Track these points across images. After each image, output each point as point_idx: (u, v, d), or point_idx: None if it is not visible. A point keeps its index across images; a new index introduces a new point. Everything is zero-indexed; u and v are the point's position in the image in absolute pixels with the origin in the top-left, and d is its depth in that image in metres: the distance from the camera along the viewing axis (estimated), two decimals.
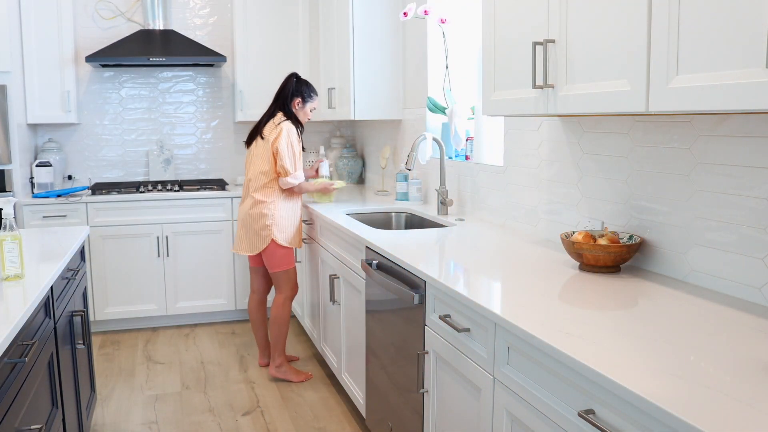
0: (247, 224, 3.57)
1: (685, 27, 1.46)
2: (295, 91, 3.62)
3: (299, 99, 3.63)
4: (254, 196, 3.53)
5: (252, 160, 3.59)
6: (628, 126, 2.17)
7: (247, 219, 3.57)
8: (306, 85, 3.65)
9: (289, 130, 3.51)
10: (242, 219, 3.61)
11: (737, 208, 1.77)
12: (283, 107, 3.61)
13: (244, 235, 3.60)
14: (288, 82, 3.64)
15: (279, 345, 3.65)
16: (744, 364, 1.31)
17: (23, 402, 1.79)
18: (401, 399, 2.46)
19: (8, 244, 2.07)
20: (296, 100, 3.63)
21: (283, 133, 3.48)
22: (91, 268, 4.41)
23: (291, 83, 3.63)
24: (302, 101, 3.64)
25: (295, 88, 3.63)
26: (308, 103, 3.66)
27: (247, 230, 3.57)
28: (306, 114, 3.68)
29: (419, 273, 2.19)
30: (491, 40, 2.33)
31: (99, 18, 4.81)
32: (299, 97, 3.63)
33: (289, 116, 3.59)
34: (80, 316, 2.76)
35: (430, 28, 3.72)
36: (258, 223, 3.52)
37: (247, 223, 3.57)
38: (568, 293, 1.87)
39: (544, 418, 1.52)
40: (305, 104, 3.65)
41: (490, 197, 3.12)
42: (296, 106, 3.63)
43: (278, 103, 3.64)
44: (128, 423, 3.21)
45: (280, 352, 3.66)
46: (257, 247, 3.55)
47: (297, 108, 3.64)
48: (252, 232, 3.55)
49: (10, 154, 4.15)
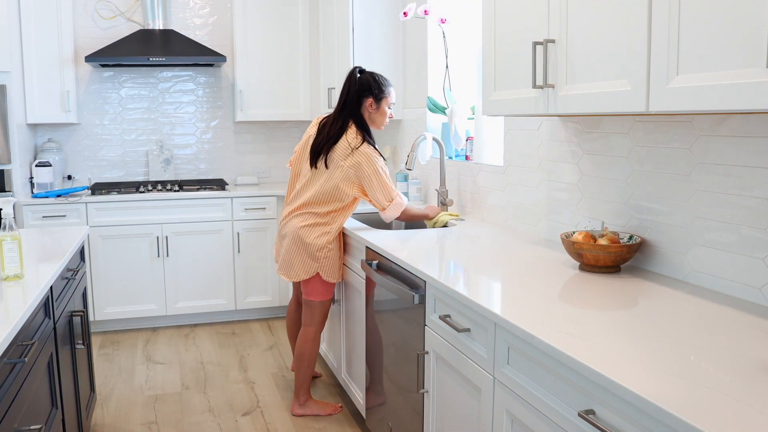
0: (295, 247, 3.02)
1: (685, 27, 1.46)
2: (364, 91, 2.96)
3: (371, 99, 2.97)
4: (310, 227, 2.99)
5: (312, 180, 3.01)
6: (628, 126, 2.17)
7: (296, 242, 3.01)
8: (374, 79, 2.98)
9: (370, 155, 2.90)
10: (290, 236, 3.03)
11: (737, 208, 1.77)
12: (354, 115, 2.97)
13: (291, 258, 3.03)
14: (350, 80, 2.98)
15: (305, 383, 3.18)
16: (744, 364, 1.31)
17: (23, 402, 1.79)
18: (401, 399, 2.46)
19: (8, 244, 2.07)
20: (367, 102, 2.97)
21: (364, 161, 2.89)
22: (91, 268, 4.41)
23: (354, 81, 2.97)
24: (375, 101, 2.98)
25: (362, 87, 2.97)
26: (382, 101, 3.00)
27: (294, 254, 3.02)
28: (384, 114, 3.02)
29: (419, 273, 2.19)
30: (491, 40, 2.33)
31: (99, 18, 4.81)
32: (370, 96, 2.97)
33: (364, 128, 2.97)
34: (80, 316, 2.76)
35: (430, 28, 3.72)
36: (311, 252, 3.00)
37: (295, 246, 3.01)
38: (568, 293, 1.87)
39: (545, 418, 1.52)
40: (379, 103, 2.99)
41: (490, 197, 3.12)
42: (369, 108, 2.99)
43: (346, 112, 2.98)
44: (128, 423, 3.21)
45: (305, 391, 3.20)
46: (299, 275, 3.04)
47: (371, 111, 2.99)
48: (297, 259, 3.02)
49: (10, 154, 4.15)
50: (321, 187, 2.96)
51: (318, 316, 3.12)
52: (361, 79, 2.98)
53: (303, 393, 3.20)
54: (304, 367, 3.15)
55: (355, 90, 2.97)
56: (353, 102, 2.97)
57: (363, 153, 2.90)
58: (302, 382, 3.18)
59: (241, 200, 4.59)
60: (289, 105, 4.90)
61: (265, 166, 5.25)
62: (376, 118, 3.02)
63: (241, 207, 4.59)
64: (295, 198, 3.08)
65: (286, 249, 3.05)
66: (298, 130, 5.27)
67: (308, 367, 3.15)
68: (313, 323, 3.12)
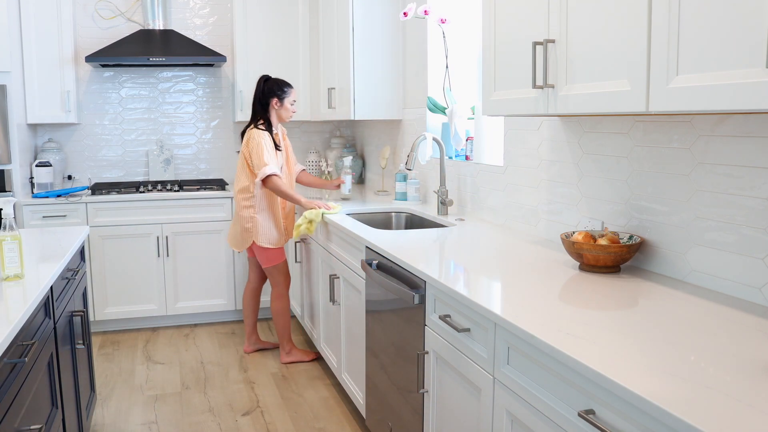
0: (236, 222, 3.85)
1: (685, 27, 1.46)
2: (268, 93, 3.71)
3: (275, 99, 3.71)
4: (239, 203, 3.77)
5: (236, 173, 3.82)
6: (628, 126, 2.17)
7: (236, 218, 3.83)
8: (276, 83, 3.71)
9: (256, 133, 3.64)
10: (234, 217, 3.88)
11: (737, 208, 1.77)
12: (262, 113, 3.72)
13: (234, 231, 3.87)
14: (257, 88, 3.73)
15: (285, 334, 3.87)
16: (744, 364, 1.31)
17: (23, 402, 1.79)
18: (401, 399, 2.46)
19: (8, 244, 2.07)
20: (273, 101, 3.72)
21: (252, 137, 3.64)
22: (91, 268, 4.41)
23: (260, 88, 3.72)
24: (279, 100, 3.71)
25: (267, 90, 3.70)
26: (285, 99, 3.72)
27: (235, 228, 3.85)
28: (288, 110, 3.75)
29: (419, 273, 2.19)
30: (491, 40, 2.33)
31: (99, 18, 4.81)
32: (274, 97, 3.71)
33: (266, 121, 3.71)
34: (80, 316, 2.76)
35: (430, 28, 3.72)
36: (242, 224, 3.76)
37: (236, 221, 3.84)
38: (568, 293, 1.87)
39: (545, 418, 1.52)
40: (282, 101, 3.72)
41: (490, 197, 3.12)
42: (275, 106, 3.72)
43: (254, 111, 3.75)
44: (128, 423, 3.21)
45: (288, 340, 3.89)
46: (241, 245, 3.82)
47: (277, 108, 3.73)
48: (238, 232, 3.81)
49: (10, 154, 4.16)
50: (237, 169, 3.79)
51: (277, 276, 3.84)
52: (265, 84, 3.72)
53: (287, 343, 3.90)
54: (280, 320, 3.85)
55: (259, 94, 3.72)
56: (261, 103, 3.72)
57: (252, 132, 3.66)
58: (283, 334, 3.88)
59: None
60: None
61: None
62: (281, 113, 3.76)
63: None
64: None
65: (232, 227, 3.90)
66: (298, 130, 5.27)
67: (284, 320, 3.86)
68: (276, 284, 3.85)
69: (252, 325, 4.06)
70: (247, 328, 4.07)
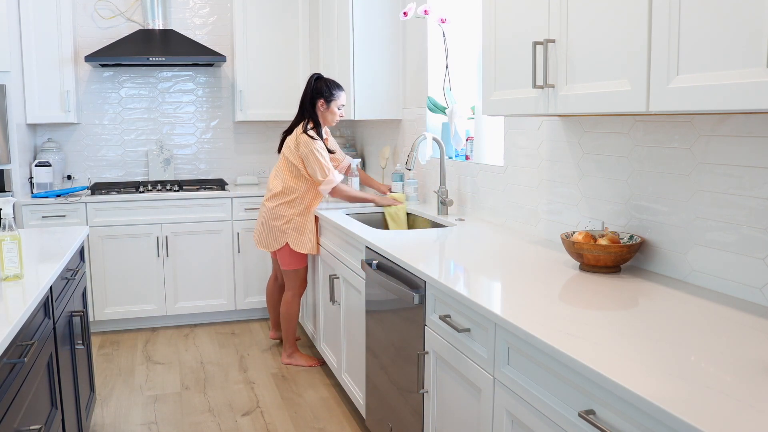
0: (265, 222, 3.72)
1: (685, 27, 1.46)
2: (316, 93, 3.60)
3: (322, 100, 3.60)
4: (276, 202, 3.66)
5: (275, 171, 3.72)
6: (628, 126, 2.17)
7: (268, 217, 3.70)
8: (326, 84, 3.60)
9: (308, 139, 3.52)
10: (263, 216, 3.74)
11: (738, 208, 1.77)
12: (311, 112, 3.60)
13: (265, 232, 3.74)
14: (307, 85, 3.63)
15: (290, 337, 3.87)
16: (744, 364, 1.31)
17: (22, 402, 1.79)
18: (401, 399, 2.46)
19: (7, 244, 2.07)
20: (319, 103, 3.61)
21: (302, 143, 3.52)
22: (91, 268, 4.40)
23: (310, 86, 3.61)
24: (325, 102, 3.61)
25: (315, 90, 3.59)
26: (332, 102, 3.61)
27: (266, 229, 3.73)
28: (334, 114, 3.64)
29: (419, 273, 2.19)
30: (491, 40, 2.33)
31: (98, 18, 4.81)
32: (321, 98, 3.60)
33: (315, 122, 3.59)
34: (80, 316, 2.75)
35: (430, 28, 3.72)
36: (278, 224, 3.66)
37: (265, 221, 3.71)
38: (568, 293, 1.86)
39: (545, 418, 1.52)
40: (329, 104, 3.61)
41: (490, 197, 3.12)
42: (321, 108, 3.62)
43: (302, 109, 3.64)
44: (128, 423, 3.20)
45: (291, 344, 3.89)
46: (273, 245, 3.72)
47: (323, 110, 3.62)
48: (270, 231, 3.70)
49: (10, 154, 4.15)
50: (278, 170, 3.69)
51: (295, 280, 3.79)
52: (315, 82, 3.61)
53: (290, 346, 3.88)
54: (287, 324, 3.83)
55: (309, 92, 3.61)
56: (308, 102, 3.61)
57: (302, 137, 3.53)
58: (288, 337, 3.87)
59: (240, 200, 4.59)
60: (289, 105, 4.89)
61: (265, 166, 5.25)
62: (325, 115, 3.65)
63: (241, 207, 4.59)
64: (267, 187, 3.77)
65: (260, 227, 3.77)
66: None
67: (291, 324, 3.84)
68: (291, 288, 3.80)
69: (276, 315, 4.14)
70: (273, 319, 4.16)
